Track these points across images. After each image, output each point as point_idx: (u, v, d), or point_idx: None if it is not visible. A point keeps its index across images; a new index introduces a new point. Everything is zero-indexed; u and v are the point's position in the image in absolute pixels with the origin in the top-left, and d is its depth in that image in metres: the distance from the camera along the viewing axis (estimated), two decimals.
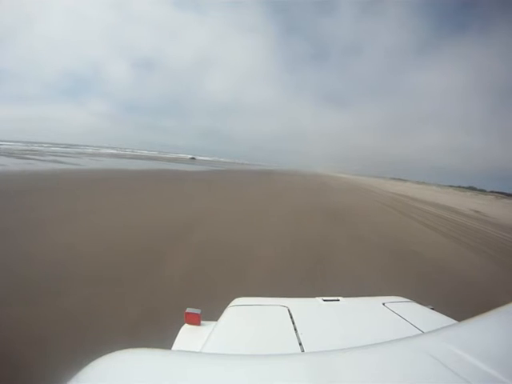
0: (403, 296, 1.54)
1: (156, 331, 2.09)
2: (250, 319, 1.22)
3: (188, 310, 1.37)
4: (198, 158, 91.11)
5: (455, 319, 1.14)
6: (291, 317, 1.16)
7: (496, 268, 6.23)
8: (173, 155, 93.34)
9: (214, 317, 1.26)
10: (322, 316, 1.27)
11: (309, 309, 1.32)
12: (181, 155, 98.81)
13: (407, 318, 1.18)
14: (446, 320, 1.19)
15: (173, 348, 1.22)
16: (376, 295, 1.54)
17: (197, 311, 1.37)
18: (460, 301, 3.60)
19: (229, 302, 1.33)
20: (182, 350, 1.07)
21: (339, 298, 1.39)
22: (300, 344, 0.96)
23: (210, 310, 1.44)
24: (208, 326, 1.26)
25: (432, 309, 1.39)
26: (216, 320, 1.21)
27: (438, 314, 1.30)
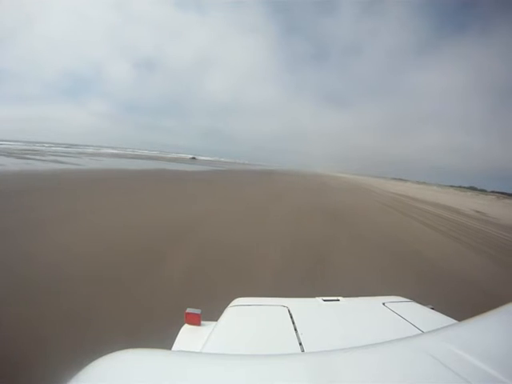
0: (403, 296, 1.54)
1: (156, 331, 2.08)
2: (250, 319, 1.22)
3: (188, 310, 1.37)
4: (198, 157, 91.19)
5: (455, 319, 1.14)
6: (291, 317, 1.16)
7: (497, 268, 6.23)
8: (174, 155, 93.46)
9: (214, 317, 1.26)
10: (322, 316, 1.27)
11: (309, 309, 1.32)
12: (181, 155, 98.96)
13: (407, 317, 1.18)
14: (446, 320, 1.19)
15: (173, 348, 1.22)
16: (376, 295, 1.54)
17: (197, 311, 1.37)
18: (460, 300, 3.60)
19: (229, 302, 1.33)
20: (182, 350, 1.07)
21: (339, 297, 1.39)
22: (300, 344, 0.96)
23: (210, 310, 1.44)
24: (208, 326, 1.26)
25: (432, 308, 1.39)
26: (216, 320, 1.20)
27: (438, 313, 1.30)
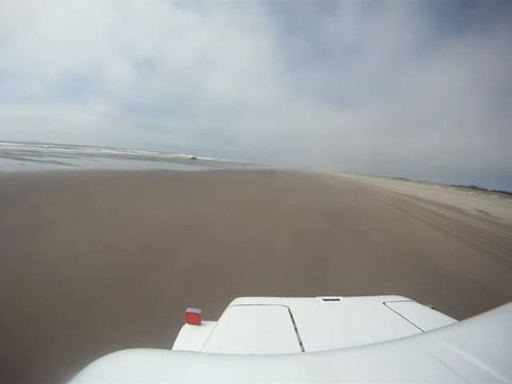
0: (404, 295, 1.53)
1: (156, 331, 2.09)
2: (250, 319, 1.22)
3: (188, 310, 1.37)
4: (198, 158, 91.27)
5: (456, 318, 1.14)
6: (291, 316, 1.16)
7: (499, 267, 6.22)
8: (173, 155, 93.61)
9: (215, 317, 1.26)
10: (322, 315, 1.26)
11: (309, 308, 1.32)
12: (182, 155, 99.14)
13: (407, 317, 1.18)
14: (447, 319, 1.18)
15: (173, 348, 1.22)
16: (377, 294, 1.54)
17: (197, 311, 1.37)
18: (462, 300, 3.59)
19: (228, 302, 1.33)
20: (182, 350, 1.07)
21: (339, 297, 1.39)
22: (300, 344, 0.96)
23: (210, 310, 1.44)
24: (208, 326, 1.26)
25: (432, 308, 1.39)
26: (216, 320, 1.20)
27: (439, 313, 1.30)
